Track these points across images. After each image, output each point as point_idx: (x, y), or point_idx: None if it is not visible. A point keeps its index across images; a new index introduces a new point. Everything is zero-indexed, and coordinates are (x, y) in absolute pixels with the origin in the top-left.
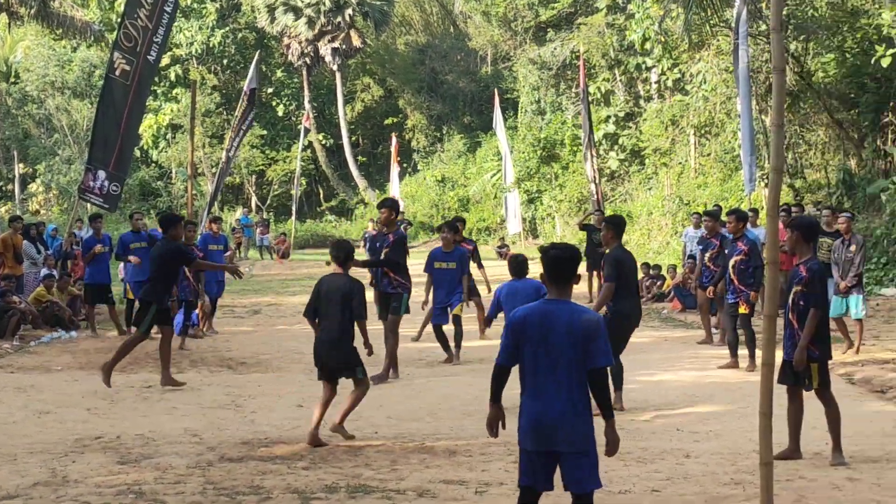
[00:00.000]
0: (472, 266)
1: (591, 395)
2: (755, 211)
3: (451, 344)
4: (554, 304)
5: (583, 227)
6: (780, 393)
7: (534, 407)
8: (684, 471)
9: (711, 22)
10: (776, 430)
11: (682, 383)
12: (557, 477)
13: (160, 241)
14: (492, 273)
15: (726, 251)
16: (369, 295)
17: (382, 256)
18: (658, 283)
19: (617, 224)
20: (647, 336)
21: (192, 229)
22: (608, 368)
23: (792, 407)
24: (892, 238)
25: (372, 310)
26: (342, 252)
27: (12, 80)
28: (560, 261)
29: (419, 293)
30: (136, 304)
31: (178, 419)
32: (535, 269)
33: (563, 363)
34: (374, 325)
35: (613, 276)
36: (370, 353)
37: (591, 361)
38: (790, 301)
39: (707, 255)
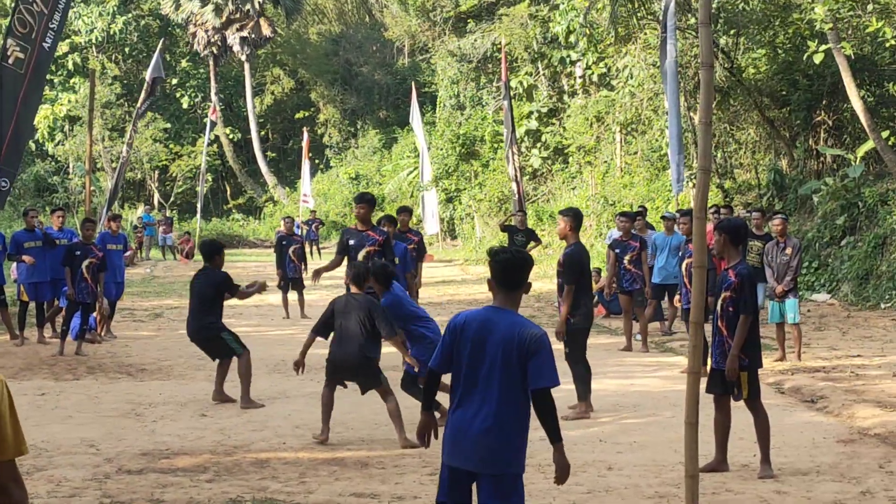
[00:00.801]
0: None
1: (518, 414)
2: (681, 212)
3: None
4: (497, 312)
5: (504, 228)
6: (707, 402)
7: (457, 419)
8: (606, 483)
9: (638, 14)
10: (702, 440)
11: (605, 392)
12: None
13: (204, 270)
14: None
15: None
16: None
17: (363, 256)
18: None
19: (576, 215)
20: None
21: (90, 227)
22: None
23: (719, 417)
24: (825, 241)
25: None
26: (359, 274)
27: None
28: (510, 266)
29: None
30: (30, 306)
31: (73, 429)
32: (442, 272)
33: (494, 377)
34: None
35: (574, 278)
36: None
37: (534, 381)
38: (718, 307)
39: (626, 257)
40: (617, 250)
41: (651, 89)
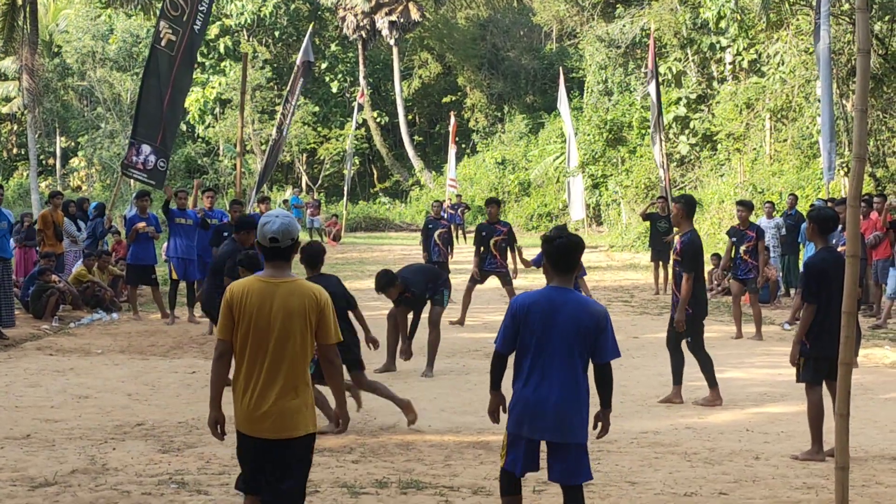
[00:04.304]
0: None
1: (586, 386)
2: (833, 200)
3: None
4: (560, 292)
5: (646, 216)
6: (858, 393)
7: (531, 394)
8: (753, 473)
9: (791, 0)
10: (853, 432)
11: (752, 381)
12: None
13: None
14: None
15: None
16: None
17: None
18: (728, 276)
19: (689, 203)
20: (717, 331)
21: (238, 209)
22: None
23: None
24: None
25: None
26: (313, 257)
27: (55, 49)
28: (566, 249)
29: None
30: (181, 285)
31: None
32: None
33: (566, 353)
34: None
35: (695, 266)
36: (375, 346)
37: (599, 355)
38: None
39: (743, 247)
40: (734, 239)
41: (802, 76)
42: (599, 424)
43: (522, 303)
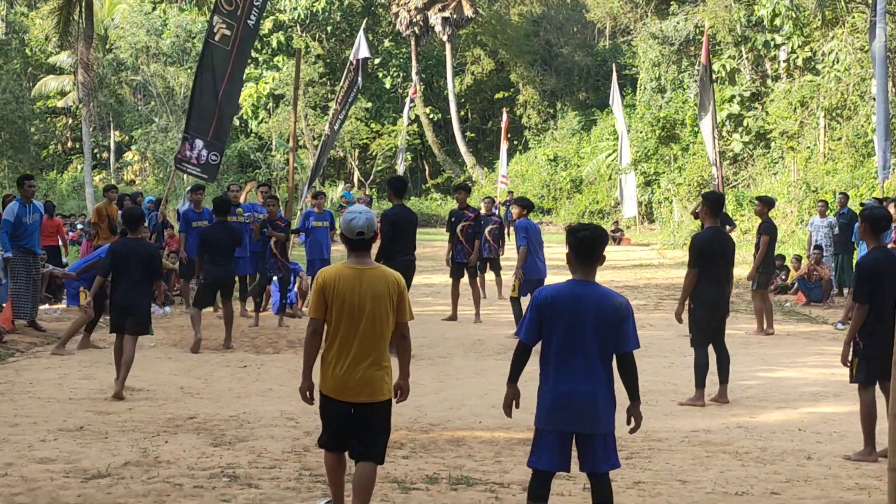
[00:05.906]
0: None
1: (611, 376)
2: (887, 199)
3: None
4: (583, 285)
5: (697, 215)
6: None
7: (558, 387)
8: (805, 473)
9: None
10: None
11: (805, 381)
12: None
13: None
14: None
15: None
16: None
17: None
18: (781, 275)
19: (714, 201)
20: (780, 330)
21: (273, 203)
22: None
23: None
24: None
25: None
26: (133, 220)
27: (109, 45)
28: (590, 241)
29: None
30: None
31: (273, 401)
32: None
33: (592, 344)
34: None
35: (695, 262)
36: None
37: (622, 346)
38: None
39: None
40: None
41: (858, 74)
42: (632, 419)
43: (547, 295)
